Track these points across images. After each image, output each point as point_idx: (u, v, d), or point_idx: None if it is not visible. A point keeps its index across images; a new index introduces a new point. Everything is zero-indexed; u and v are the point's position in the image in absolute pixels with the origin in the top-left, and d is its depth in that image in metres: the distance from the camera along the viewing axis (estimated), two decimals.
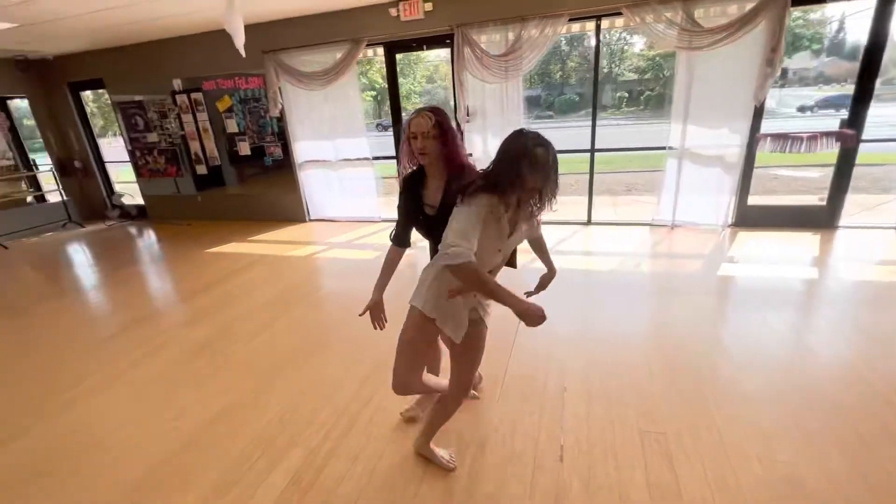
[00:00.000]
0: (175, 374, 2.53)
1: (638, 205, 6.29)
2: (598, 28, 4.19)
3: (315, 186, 5.68)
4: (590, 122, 4.65)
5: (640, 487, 1.59)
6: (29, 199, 6.63)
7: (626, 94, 23.04)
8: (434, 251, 1.63)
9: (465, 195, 1.32)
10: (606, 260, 3.83)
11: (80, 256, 5.17)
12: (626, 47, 23.12)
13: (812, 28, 17.67)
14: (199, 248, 4.97)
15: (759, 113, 3.90)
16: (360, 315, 1.67)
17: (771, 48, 3.57)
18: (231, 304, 3.40)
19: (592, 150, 4.63)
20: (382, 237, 4.78)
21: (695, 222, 4.39)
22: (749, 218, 4.30)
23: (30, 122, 6.89)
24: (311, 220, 5.83)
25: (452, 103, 4.65)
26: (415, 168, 1.60)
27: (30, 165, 6.54)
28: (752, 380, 2.13)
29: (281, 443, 1.94)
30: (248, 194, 6.02)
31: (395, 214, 1.67)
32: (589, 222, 4.88)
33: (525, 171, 1.26)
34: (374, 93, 19.63)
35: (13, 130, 6.31)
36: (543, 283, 1.76)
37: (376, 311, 1.68)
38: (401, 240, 1.67)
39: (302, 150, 5.47)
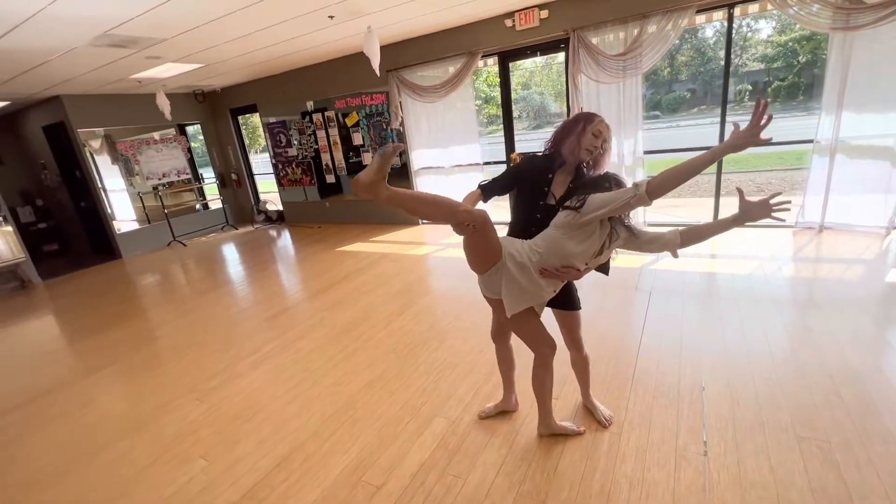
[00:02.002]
0: (329, 348, 2.95)
1: None
2: (730, 17, 3.93)
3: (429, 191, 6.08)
4: (704, 121, 4.36)
5: (801, 491, 1.52)
6: (197, 206, 8.08)
7: (750, 87, 20.59)
8: (523, 229, 1.70)
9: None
10: (741, 263, 3.54)
11: (238, 253, 6.19)
12: (749, 34, 20.73)
13: None
14: (330, 248, 5.65)
15: None
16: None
17: None
18: (366, 294, 3.84)
19: None
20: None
21: (850, 224, 3.85)
22: None
23: (195, 143, 8.42)
24: (423, 224, 6.25)
25: (553, 108, 4.69)
26: (549, 153, 1.71)
27: (198, 178, 7.98)
28: None
29: (426, 411, 2.19)
30: (367, 200, 6.64)
31: (501, 217, 1.78)
32: None
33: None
34: (479, 101, 20.22)
35: (190, 150, 7.76)
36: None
37: None
38: (489, 192, 1.75)
39: (418, 157, 5.92)
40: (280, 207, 7.79)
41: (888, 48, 3.33)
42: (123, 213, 7.10)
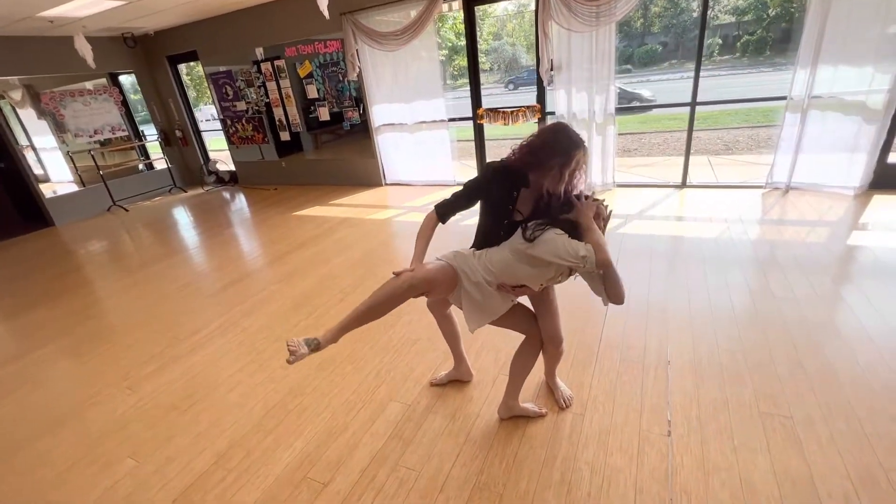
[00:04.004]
0: (278, 327, 2.73)
1: (738, 165, 5.64)
2: None
3: (391, 150, 5.72)
4: (677, 76, 4.16)
5: (764, 473, 1.47)
6: (140, 166, 7.39)
7: (720, 42, 20.37)
8: (486, 241, 1.59)
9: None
10: (707, 226, 3.48)
11: (186, 219, 5.72)
12: None
13: None
14: (286, 212, 5.28)
15: None
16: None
17: None
18: (322, 264, 3.59)
19: (693, 104, 4.15)
20: None
21: (817, 184, 3.83)
22: (889, 179, 3.66)
23: (136, 96, 7.59)
24: (386, 185, 5.93)
25: (524, 60, 4.37)
26: (514, 164, 1.50)
27: (140, 136, 7.24)
28: None
29: (380, 396, 2.04)
30: (328, 159, 6.24)
31: (469, 177, 1.62)
32: (684, 185, 4.46)
33: None
34: (445, 51, 19.05)
35: (125, 104, 6.96)
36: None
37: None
38: (446, 214, 1.59)
39: (378, 113, 5.50)
40: (232, 168, 7.23)
41: None
42: (59, 175, 6.40)
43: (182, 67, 7.06)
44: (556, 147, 1.40)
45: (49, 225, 5.94)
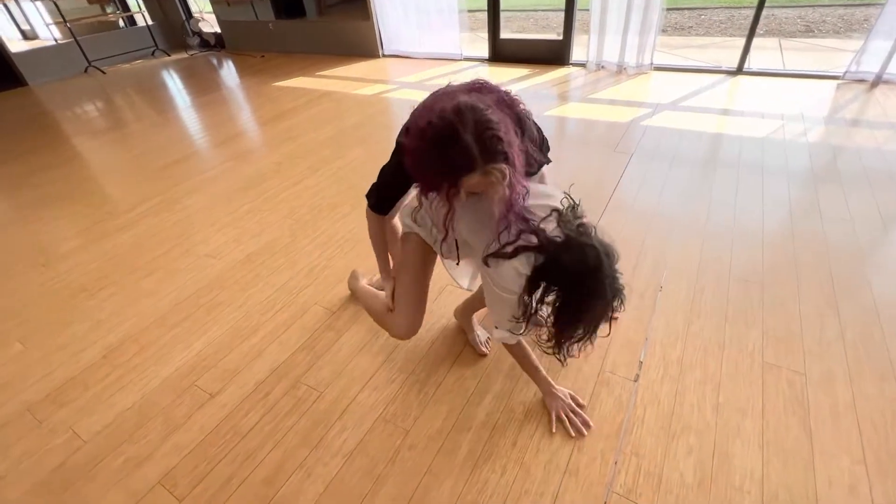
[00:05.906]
0: (219, 209, 2.38)
1: (816, 51, 4.52)
2: None
3: (390, 13, 4.78)
4: None
5: (748, 442, 1.12)
6: (120, 22, 6.59)
7: None
8: None
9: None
10: (756, 123, 2.77)
11: (161, 84, 5.14)
12: None
13: None
14: (268, 82, 4.65)
15: None
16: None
17: None
18: (288, 142, 3.12)
19: None
20: (462, 78, 3.99)
21: None
22: None
23: None
24: (384, 56, 5.09)
25: None
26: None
27: None
28: None
29: (304, 298, 1.72)
30: (322, 22, 5.34)
31: (478, 52, 1.16)
32: (739, 71, 3.56)
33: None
34: None
35: None
36: None
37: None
38: (385, 207, 1.19)
39: None
40: (217, 29, 6.36)
41: None
42: (46, 32, 5.73)
43: None
44: (441, 159, 0.78)
45: (21, 84, 5.48)
